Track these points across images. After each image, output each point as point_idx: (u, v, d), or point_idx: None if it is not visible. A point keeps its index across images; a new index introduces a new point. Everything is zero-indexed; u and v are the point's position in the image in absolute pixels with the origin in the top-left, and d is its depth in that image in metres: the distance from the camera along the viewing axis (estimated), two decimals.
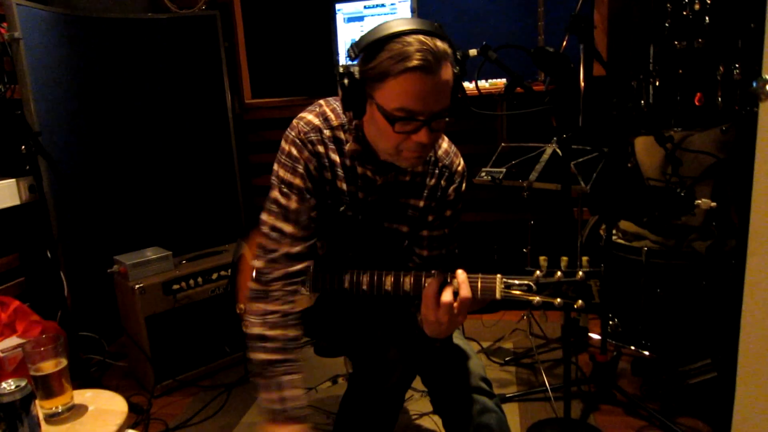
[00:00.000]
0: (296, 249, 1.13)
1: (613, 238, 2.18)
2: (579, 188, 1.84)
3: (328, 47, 2.78)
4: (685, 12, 2.20)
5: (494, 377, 2.11)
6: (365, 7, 2.69)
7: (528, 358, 2.22)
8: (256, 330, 1.10)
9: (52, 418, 1.17)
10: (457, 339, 1.29)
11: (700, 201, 1.58)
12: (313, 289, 1.24)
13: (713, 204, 1.56)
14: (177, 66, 2.71)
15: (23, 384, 1.05)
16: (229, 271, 1.50)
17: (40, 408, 1.15)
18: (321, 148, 1.14)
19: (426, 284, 1.06)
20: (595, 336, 2.25)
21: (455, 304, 1.01)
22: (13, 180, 2.19)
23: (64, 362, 1.17)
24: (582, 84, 1.95)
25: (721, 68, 2.09)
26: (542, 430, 1.76)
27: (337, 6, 2.71)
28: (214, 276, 2.25)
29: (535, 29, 2.72)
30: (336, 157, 1.16)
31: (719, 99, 2.12)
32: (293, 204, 1.13)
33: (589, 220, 2.39)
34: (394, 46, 0.96)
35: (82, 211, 2.46)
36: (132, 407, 2.04)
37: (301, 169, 1.13)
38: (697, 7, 2.18)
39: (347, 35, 2.72)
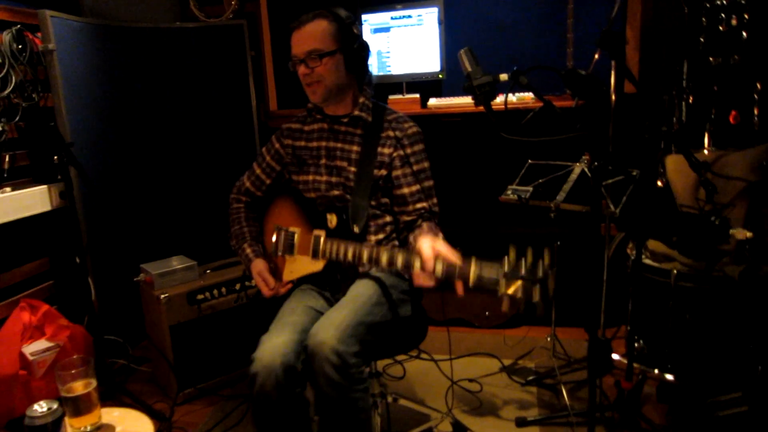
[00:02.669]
0: None
1: (642, 258, 2.13)
2: (608, 210, 1.81)
3: None
4: (721, 27, 2.14)
5: (515, 398, 2.09)
6: (392, 18, 2.68)
7: (550, 379, 2.19)
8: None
9: None
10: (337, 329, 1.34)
11: (735, 231, 1.54)
12: (313, 255, 1.48)
13: (749, 234, 1.51)
14: (204, 74, 2.73)
15: (55, 406, 1.08)
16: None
17: (70, 427, 1.18)
18: None
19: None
20: (618, 357, 2.21)
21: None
22: (45, 186, 2.24)
23: (93, 383, 1.19)
24: (613, 102, 1.91)
25: (758, 85, 2.03)
26: None
27: (364, 17, 2.70)
28: (237, 286, 2.27)
29: (564, 42, 2.67)
30: None
31: (756, 117, 2.07)
32: None
33: (615, 237, 2.35)
34: None
35: (111, 218, 2.50)
36: (155, 414, 2.08)
37: None
38: (734, 22, 2.12)
39: (374, 46, 2.71)
